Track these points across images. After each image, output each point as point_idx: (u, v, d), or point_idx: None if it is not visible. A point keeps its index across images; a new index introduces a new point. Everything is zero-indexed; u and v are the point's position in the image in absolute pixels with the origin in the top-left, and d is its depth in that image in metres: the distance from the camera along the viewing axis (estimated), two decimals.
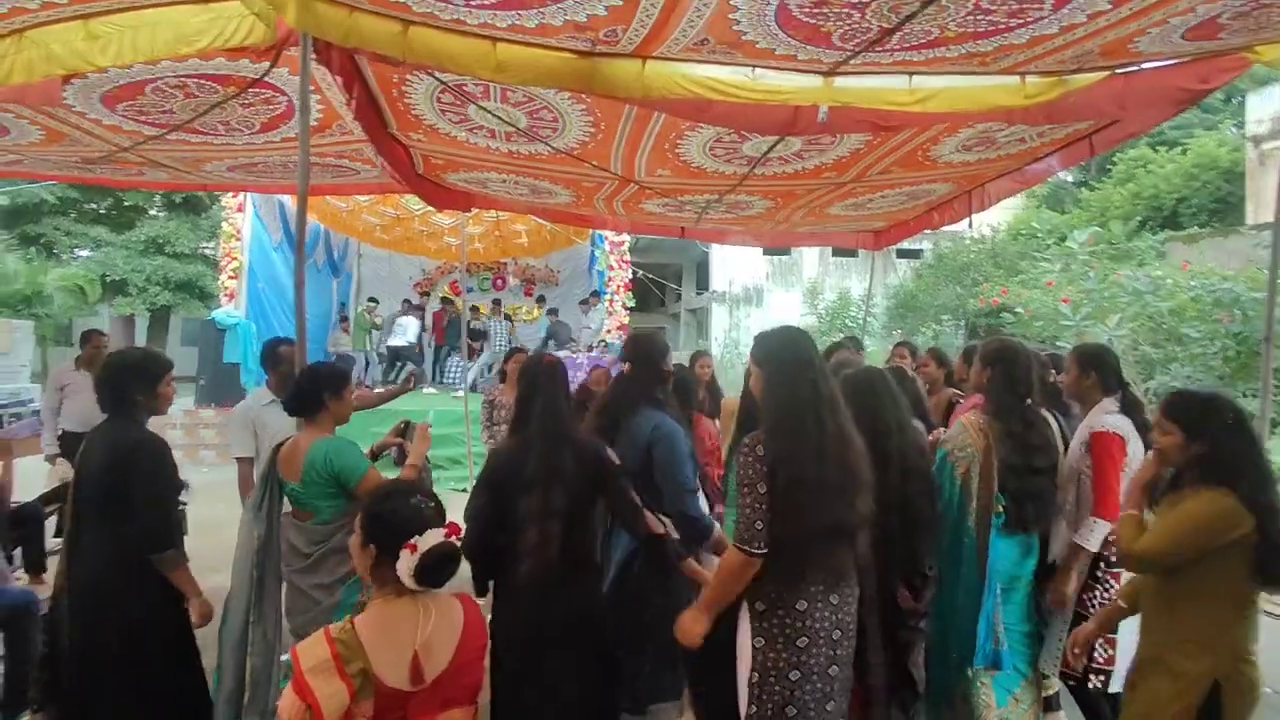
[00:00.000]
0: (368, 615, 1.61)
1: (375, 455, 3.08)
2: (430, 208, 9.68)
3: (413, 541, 1.57)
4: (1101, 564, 2.70)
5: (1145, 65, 2.94)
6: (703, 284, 17.45)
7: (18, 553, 4.27)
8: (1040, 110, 2.97)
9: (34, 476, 5.52)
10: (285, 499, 2.66)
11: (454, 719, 1.62)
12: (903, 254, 14.09)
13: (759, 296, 15.25)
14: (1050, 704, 3.03)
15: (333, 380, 2.66)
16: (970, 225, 5.09)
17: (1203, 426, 1.96)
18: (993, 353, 2.76)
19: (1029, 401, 2.66)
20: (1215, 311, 5.53)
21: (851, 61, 2.66)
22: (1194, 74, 2.96)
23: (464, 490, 7.70)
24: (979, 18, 2.24)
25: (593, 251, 11.50)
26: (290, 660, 1.55)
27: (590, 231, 11.19)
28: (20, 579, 3.57)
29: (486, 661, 1.83)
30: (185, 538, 3.16)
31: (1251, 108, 17.54)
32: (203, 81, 3.30)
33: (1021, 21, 2.28)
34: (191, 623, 2.49)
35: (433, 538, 1.59)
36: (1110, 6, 2.18)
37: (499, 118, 3.51)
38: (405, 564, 1.57)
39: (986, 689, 2.51)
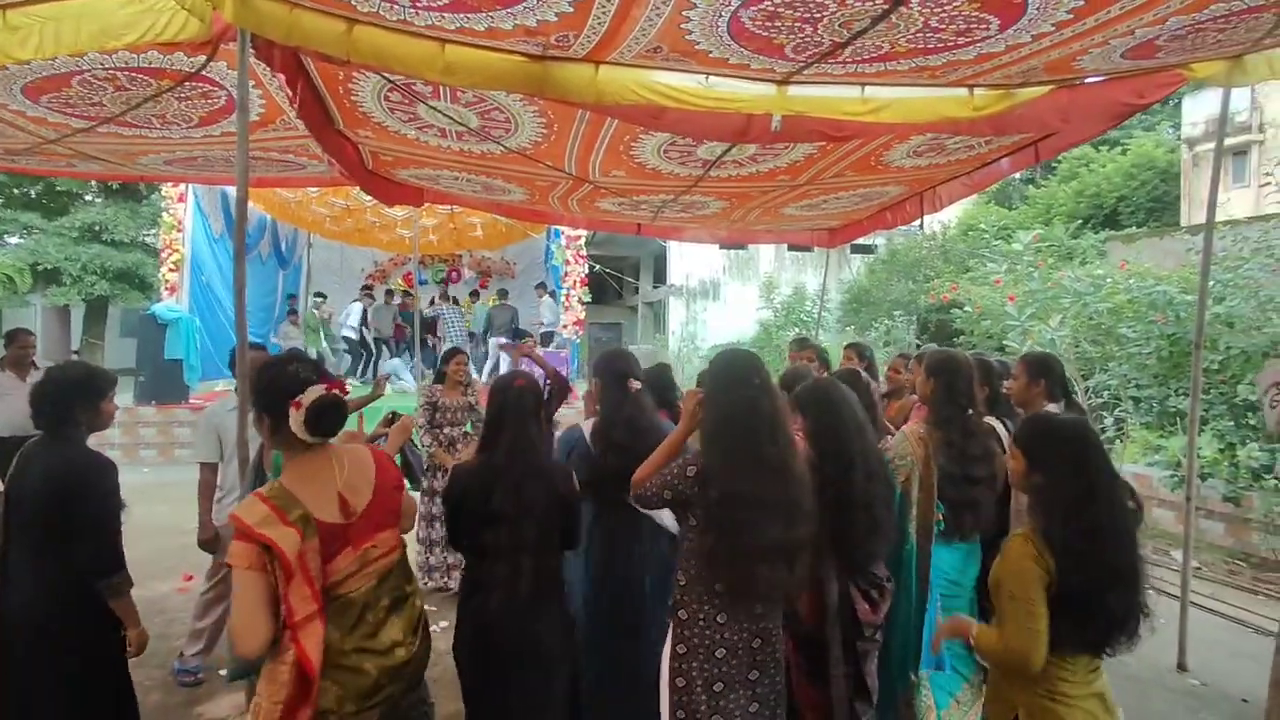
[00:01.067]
0: (288, 473, 1.83)
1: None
2: (379, 201, 9.53)
3: (297, 399, 1.77)
4: None
5: (1087, 80, 3.01)
6: (660, 277, 17.47)
7: None
8: (987, 122, 3.02)
9: None
10: None
11: (385, 539, 1.91)
12: (857, 249, 14.29)
13: (716, 290, 15.33)
14: None
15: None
16: (921, 225, 5.21)
17: (1040, 455, 1.86)
18: (936, 364, 2.81)
19: (969, 411, 2.71)
20: (1150, 313, 5.75)
21: (804, 72, 2.66)
22: (1132, 89, 3.05)
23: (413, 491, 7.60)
24: (928, 35, 2.27)
25: (548, 246, 11.40)
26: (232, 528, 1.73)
27: (545, 226, 11.11)
28: None
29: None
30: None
31: (1187, 111, 18.29)
32: (134, 75, 3.15)
33: (969, 40, 2.31)
34: (127, 653, 2.39)
35: (313, 393, 1.79)
36: (1054, 29, 2.22)
37: (449, 117, 3.43)
38: (295, 420, 1.77)
39: (927, 692, 2.57)
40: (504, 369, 10.55)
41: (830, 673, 2.24)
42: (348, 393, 1.93)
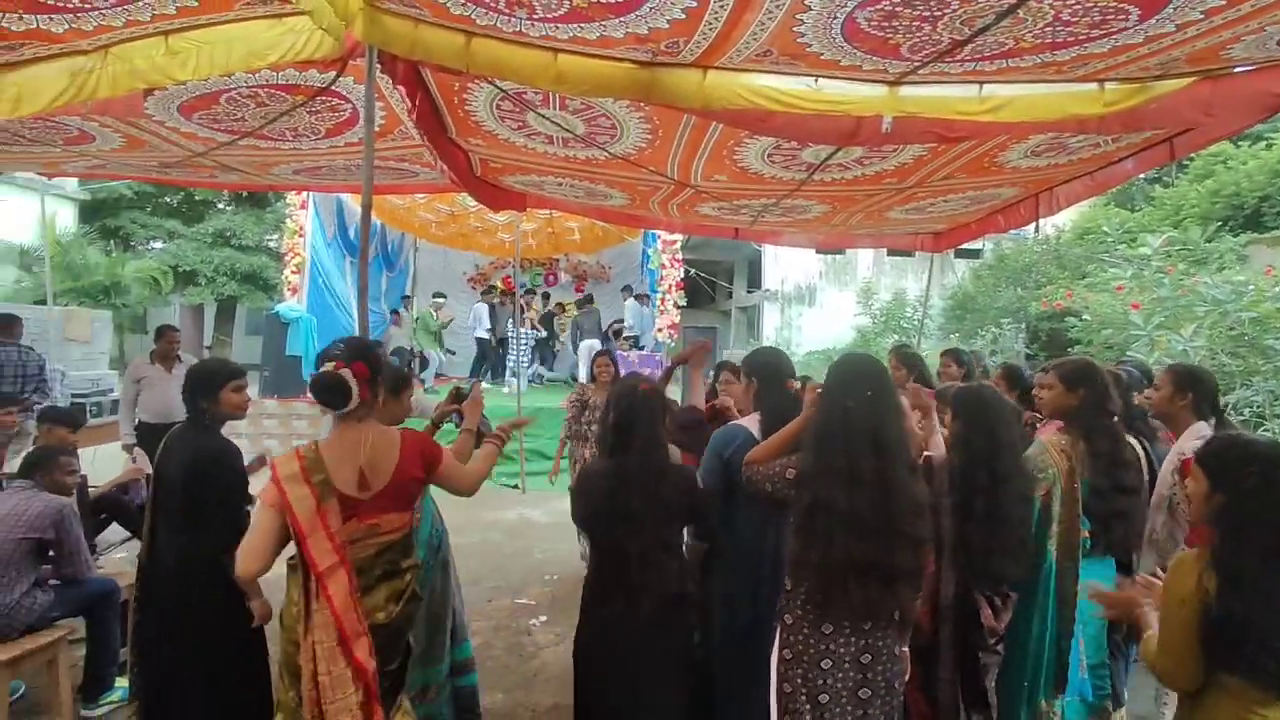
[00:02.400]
0: (328, 439, 2.06)
1: (436, 426, 3.14)
2: (485, 206, 9.89)
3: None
4: None
5: (1234, 70, 2.78)
6: (754, 282, 17.27)
7: (101, 539, 4.50)
8: (1118, 119, 2.84)
9: (113, 462, 5.81)
10: None
11: (391, 520, 2.09)
12: (961, 254, 13.65)
13: (812, 295, 15.01)
14: None
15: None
16: (1037, 229, 4.93)
17: (1224, 478, 1.72)
18: (1079, 373, 2.67)
19: (1115, 419, 2.56)
20: None
21: (919, 71, 2.58)
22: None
23: (515, 486, 7.83)
24: (1058, 29, 2.15)
25: (644, 250, 11.49)
26: None
27: (642, 230, 11.21)
28: (103, 567, 3.74)
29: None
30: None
31: None
32: (273, 91, 3.40)
33: (1104, 32, 2.18)
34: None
35: (324, 369, 2.02)
36: (1202, 16, 2.06)
37: (557, 124, 3.53)
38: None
39: (1057, 717, 2.43)
40: (582, 374, 10.71)
41: (939, 675, 2.16)
42: (417, 387, 2.16)
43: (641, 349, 10.39)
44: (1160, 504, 2.67)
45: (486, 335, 11.48)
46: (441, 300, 12.09)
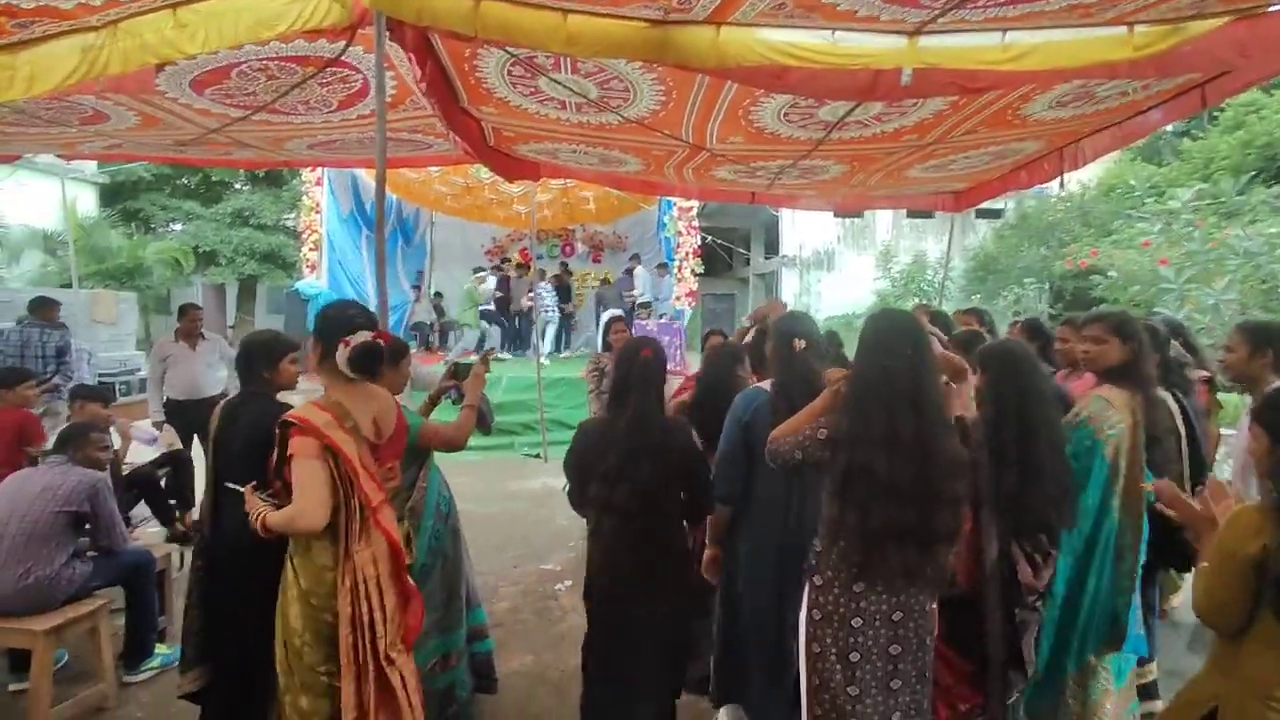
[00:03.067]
0: (336, 394, 2.14)
1: (434, 401, 3.19)
2: (498, 177, 9.83)
3: (347, 339, 2.09)
4: None
5: (1272, 8, 2.66)
6: (772, 248, 17.07)
7: (134, 514, 4.62)
8: (1150, 63, 2.74)
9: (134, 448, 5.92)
10: None
11: (394, 468, 2.28)
12: (982, 214, 13.34)
13: (830, 260, 14.82)
14: (1149, 691, 2.93)
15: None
16: (1061, 185, 4.80)
17: (1276, 430, 1.69)
18: (1123, 324, 2.62)
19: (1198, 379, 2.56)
20: None
21: (940, 20, 2.50)
22: None
23: (537, 455, 7.89)
24: None
25: (660, 218, 11.39)
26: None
27: (658, 198, 11.11)
28: (138, 538, 3.84)
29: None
30: None
31: None
32: (283, 63, 3.38)
33: None
34: None
35: (360, 337, 2.10)
36: None
37: (569, 89, 3.48)
38: (341, 355, 2.08)
39: (1107, 676, 2.42)
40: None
41: (988, 634, 2.16)
42: (437, 360, 2.22)
43: (661, 317, 10.35)
44: (1241, 465, 2.60)
45: (491, 308, 11.49)
46: (483, 273, 12.13)
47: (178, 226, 18.40)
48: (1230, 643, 1.72)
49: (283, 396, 2.83)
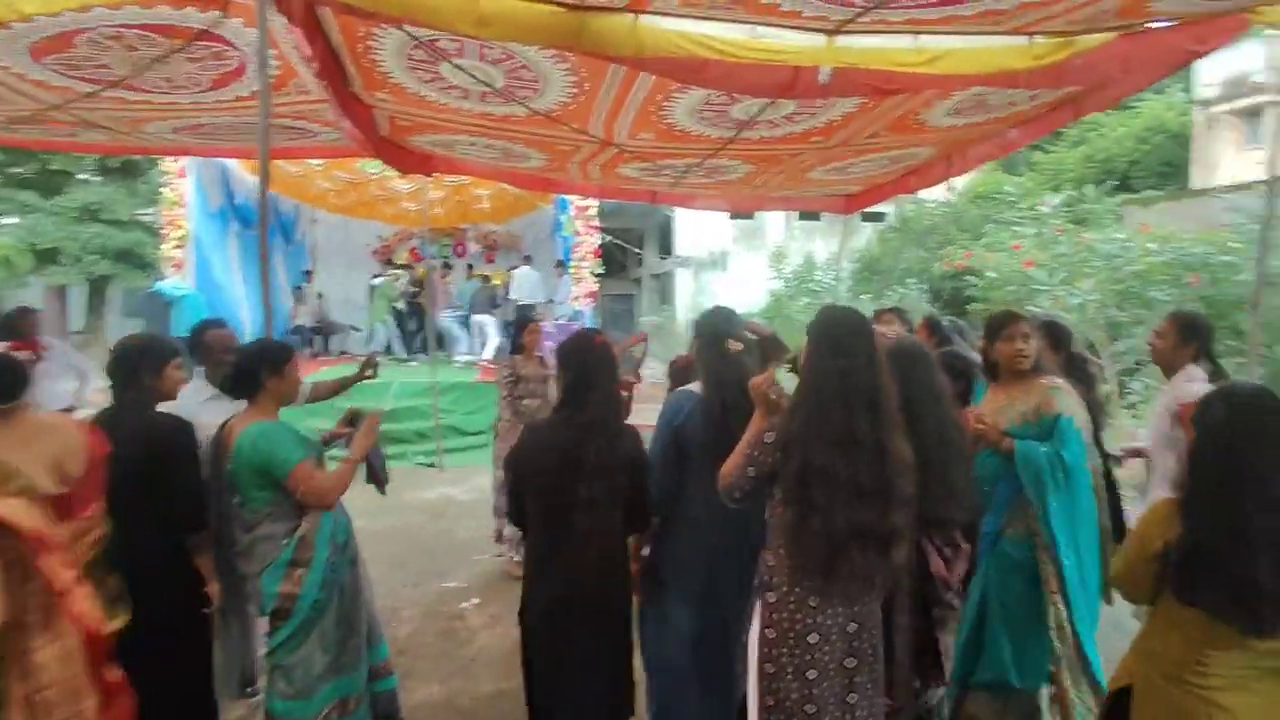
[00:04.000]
0: None
1: (326, 444, 2.87)
2: (388, 171, 9.32)
3: None
4: None
5: (1152, 25, 2.86)
6: (666, 249, 17.23)
7: None
8: (1045, 74, 2.88)
9: None
10: None
11: (96, 513, 1.96)
12: (866, 217, 14.02)
13: (724, 261, 15.12)
14: None
15: (272, 357, 2.47)
16: (949, 189, 5.07)
17: (1197, 416, 1.75)
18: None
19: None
20: (1186, 275, 5.63)
21: (860, 20, 2.51)
22: (1194, 35, 2.91)
23: (433, 464, 7.51)
24: None
25: (558, 217, 11.19)
26: None
27: (555, 196, 10.90)
28: None
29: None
30: None
31: (1200, 72, 17.90)
32: (143, 33, 2.99)
33: None
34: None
35: None
36: None
37: (474, 77, 3.27)
38: None
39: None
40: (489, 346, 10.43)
41: (896, 621, 2.14)
42: None
43: (559, 319, 10.16)
44: (1159, 443, 2.79)
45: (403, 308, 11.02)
46: (400, 273, 11.51)
47: (12, 220, 16.33)
48: (1146, 623, 1.80)
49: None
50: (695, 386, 2.52)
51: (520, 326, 4.78)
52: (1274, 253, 5.51)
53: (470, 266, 12.61)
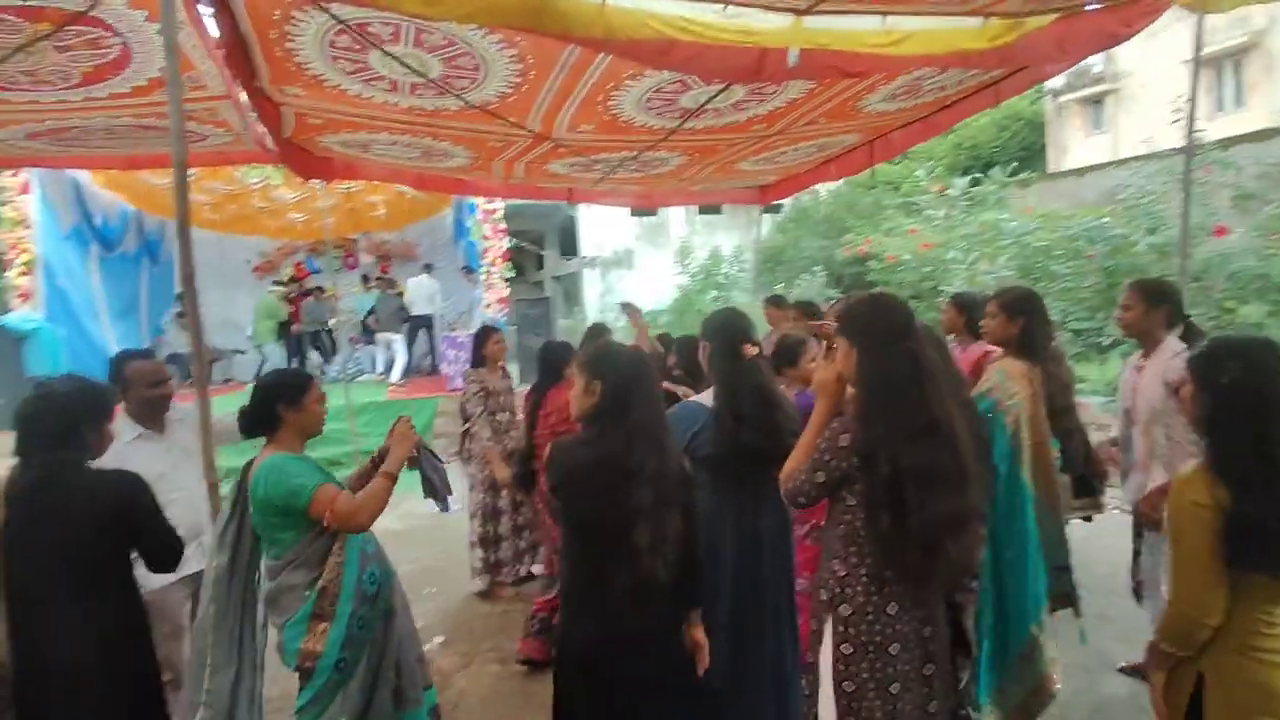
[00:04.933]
0: None
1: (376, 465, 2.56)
2: (273, 179, 8.63)
3: None
4: None
5: (1089, 7, 2.96)
6: (567, 250, 16.95)
7: None
8: (995, 54, 2.91)
9: None
10: None
11: None
12: (765, 209, 14.33)
13: (630, 259, 15.05)
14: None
15: (287, 389, 2.26)
16: (872, 175, 5.19)
17: (1209, 377, 1.70)
18: (1019, 302, 2.72)
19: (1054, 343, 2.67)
20: (1088, 248, 6.05)
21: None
22: (1120, 18, 3.03)
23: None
24: None
25: (460, 222, 10.74)
26: None
27: (452, 199, 10.44)
28: None
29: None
30: None
31: None
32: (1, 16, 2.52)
33: None
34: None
35: None
36: None
37: (407, 66, 2.97)
38: None
39: (1052, 644, 2.48)
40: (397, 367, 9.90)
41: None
42: None
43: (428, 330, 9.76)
44: (1156, 419, 2.75)
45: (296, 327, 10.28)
46: (280, 286, 10.67)
47: None
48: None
49: None
50: (703, 397, 2.35)
51: (482, 337, 4.45)
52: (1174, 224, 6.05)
53: (366, 278, 11.88)
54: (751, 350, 2.31)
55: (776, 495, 2.14)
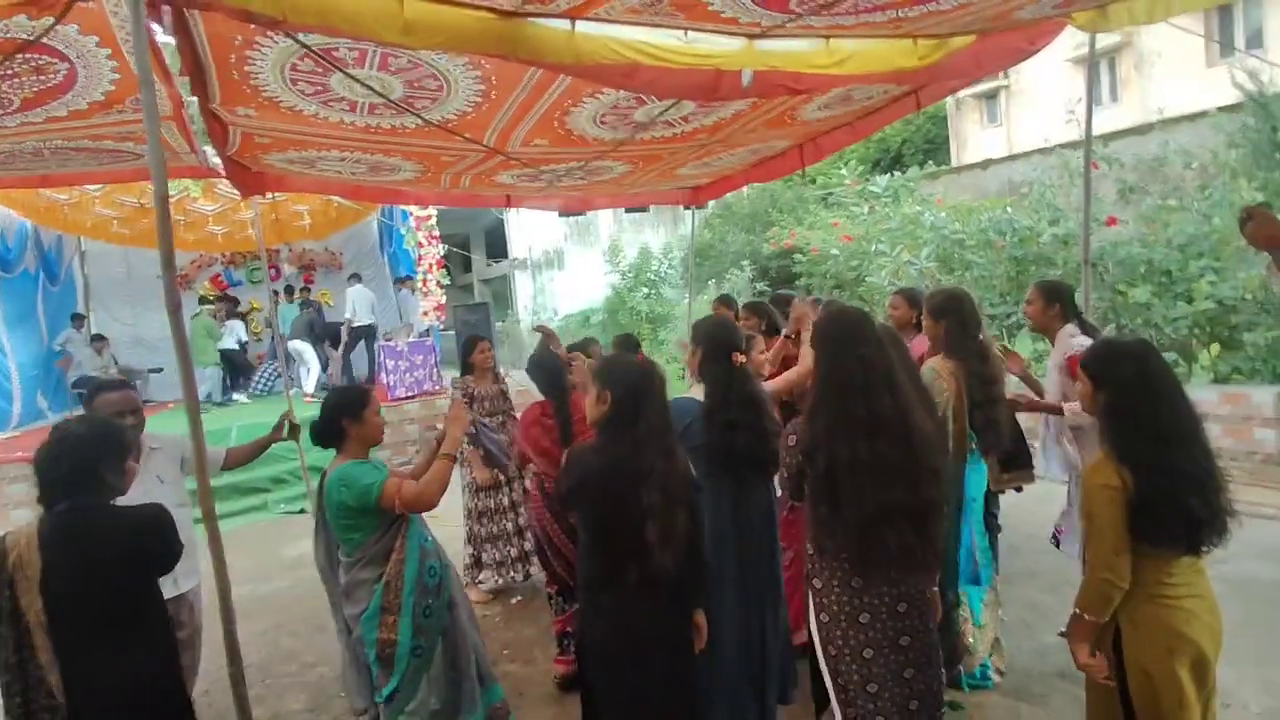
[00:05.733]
0: None
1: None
2: (193, 190, 8.31)
3: None
4: None
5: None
6: (494, 252, 16.84)
7: None
8: (925, 71, 3.19)
9: None
10: None
11: None
12: (689, 207, 14.63)
13: (560, 259, 15.08)
14: None
15: (350, 405, 2.53)
16: (803, 175, 5.47)
17: (1105, 378, 1.96)
18: (943, 303, 2.98)
19: (980, 338, 2.92)
20: (999, 238, 6.54)
21: (787, 26, 2.63)
22: (1026, 36, 3.37)
23: (301, 511, 6.81)
24: None
25: (394, 230, 10.54)
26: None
27: (378, 206, 10.25)
28: None
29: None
30: None
31: None
32: None
33: None
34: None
35: None
36: None
37: (370, 88, 3.00)
38: None
39: (965, 607, 2.77)
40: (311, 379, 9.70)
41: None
42: None
43: (419, 335, 9.60)
44: (1057, 397, 3.11)
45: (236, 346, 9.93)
46: (211, 304, 10.40)
47: None
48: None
49: None
50: (696, 392, 2.53)
51: (469, 347, 4.53)
52: (1076, 215, 6.59)
53: (290, 289, 11.50)
54: (740, 358, 2.49)
55: (762, 484, 2.35)
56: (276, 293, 10.83)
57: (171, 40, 2.48)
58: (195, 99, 2.98)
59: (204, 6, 2.20)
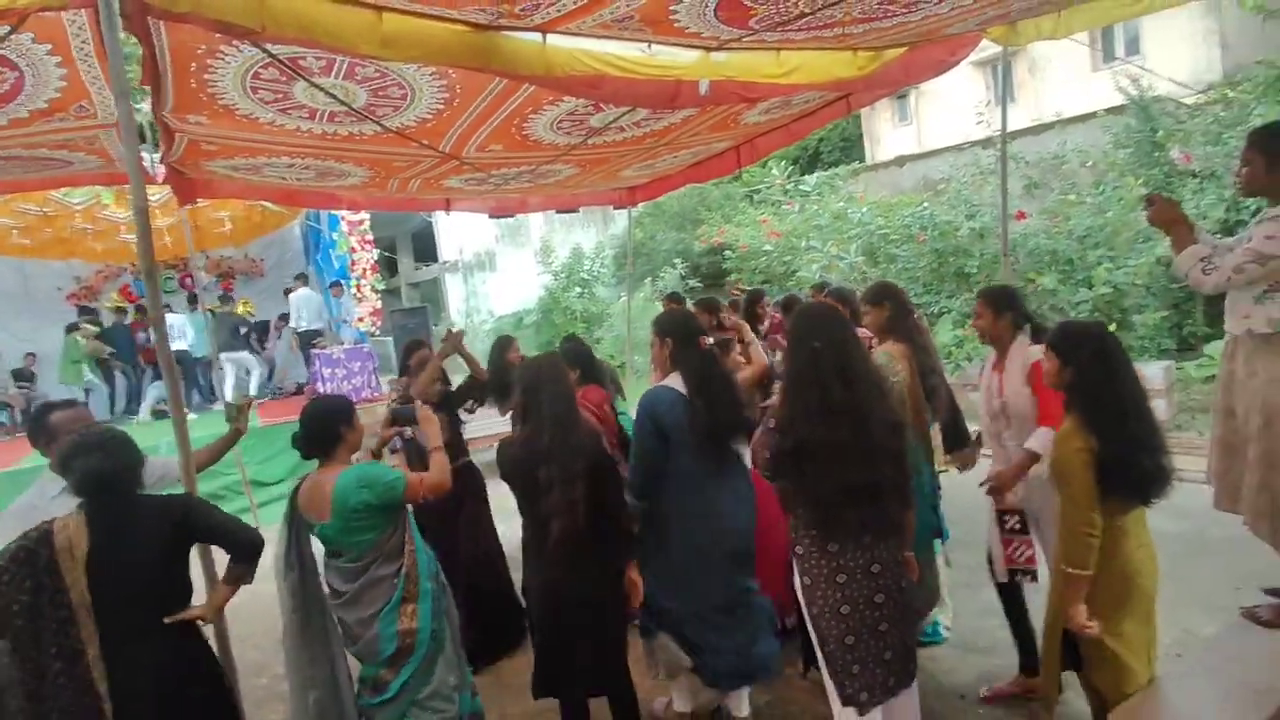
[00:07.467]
0: None
1: (376, 455, 2.90)
2: (105, 198, 7.92)
3: None
4: None
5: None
6: (421, 255, 16.52)
7: None
8: (863, 80, 3.44)
9: None
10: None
11: None
12: (618, 206, 14.78)
13: (492, 261, 14.95)
14: None
15: (344, 411, 2.57)
16: (738, 176, 5.70)
17: (1070, 355, 2.20)
18: (880, 291, 3.23)
19: (915, 316, 3.21)
20: (922, 233, 6.97)
21: (745, 40, 2.82)
22: (947, 49, 3.68)
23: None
24: (882, 6, 2.56)
25: (326, 234, 10.24)
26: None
27: (303, 211, 9.96)
28: None
29: None
30: None
31: None
32: None
33: (909, 11, 2.65)
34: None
35: None
36: (973, 3, 2.65)
37: (333, 96, 3.02)
38: None
39: (939, 560, 3.04)
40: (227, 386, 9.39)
41: None
42: None
43: (355, 342, 9.37)
44: (1018, 403, 2.92)
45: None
46: (93, 329, 9.77)
47: None
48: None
49: None
50: (672, 382, 2.69)
51: (409, 351, 4.51)
52: (991, 211, 7.07)
53: (194, 298, 10.97)
54: (706, 342, 2.70)
55: (738, 458, 2.57)
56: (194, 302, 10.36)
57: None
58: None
59: (183, 19, 2.20)
